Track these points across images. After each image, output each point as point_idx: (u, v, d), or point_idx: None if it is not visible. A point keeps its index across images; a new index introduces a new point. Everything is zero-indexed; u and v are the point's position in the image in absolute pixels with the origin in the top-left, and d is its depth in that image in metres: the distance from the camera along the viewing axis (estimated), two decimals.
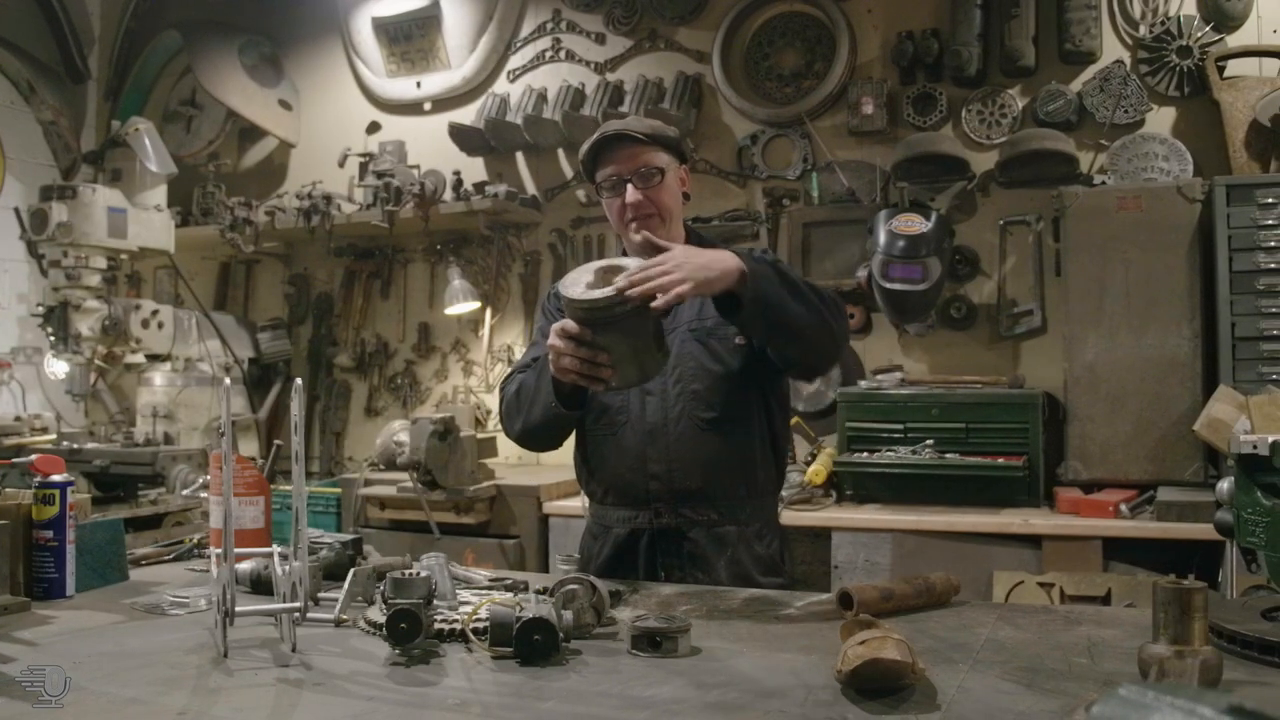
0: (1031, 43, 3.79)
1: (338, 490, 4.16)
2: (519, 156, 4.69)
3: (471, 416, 4.00)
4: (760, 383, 2.15)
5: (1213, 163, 3.58)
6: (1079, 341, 3.46)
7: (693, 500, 2.10)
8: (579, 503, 3.69)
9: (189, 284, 4.65)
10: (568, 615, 1.56)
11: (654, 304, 1.74)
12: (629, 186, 2.08)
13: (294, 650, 1.54)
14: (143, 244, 3.94)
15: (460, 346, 4.78)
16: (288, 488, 4.31)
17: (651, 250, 1.88)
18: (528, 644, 1.47)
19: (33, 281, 4.81)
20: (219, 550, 1.60)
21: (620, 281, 1.75)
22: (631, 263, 1.84)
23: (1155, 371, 3.36)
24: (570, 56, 4.60)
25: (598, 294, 1.76)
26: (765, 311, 1.86)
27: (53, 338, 3.78)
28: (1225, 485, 1.65)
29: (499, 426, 4.47)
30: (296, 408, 1.58)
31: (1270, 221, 3.24)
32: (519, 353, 4.63)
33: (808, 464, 3.63)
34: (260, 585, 1.92)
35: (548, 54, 4.65)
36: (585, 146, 2.14)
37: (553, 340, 1.83)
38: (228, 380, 1.68)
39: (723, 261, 1.83)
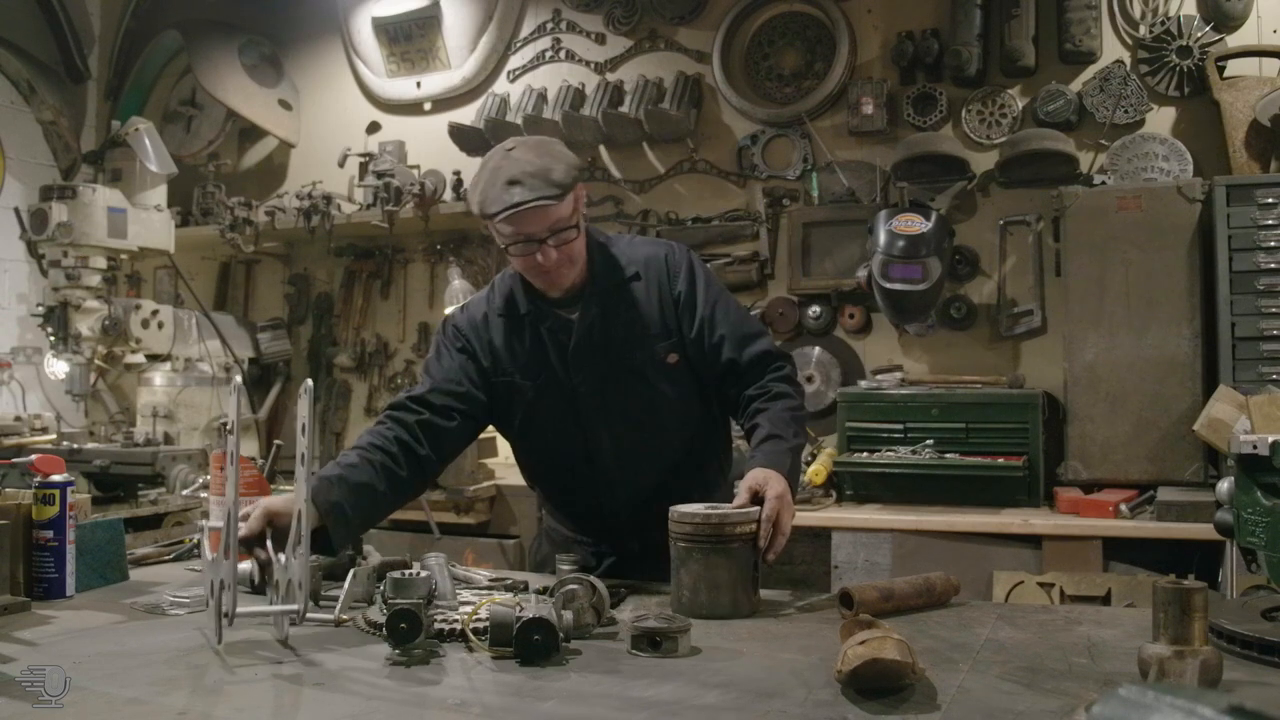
0: (1031, 43, 3.79)
1: None
2: None
3: None
4: (704, 394, 2.13)
5: (1213, 163, 3.58)
6: (1079, 341, 3.46)
7: (660, 526, 1.88)
8: None
9: (189, 284, 4.65)
10: (568, 615, 1.56)
11: (769, 558, 1.80)
12: (543, 247, 1.95)
13: (284, 643, 1.55)
14: (143, 244, 3.94)
15: None
16: (288, 487, 4.31)
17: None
18: (528, 644, 1.47)
19: (33, 281, 4.81)
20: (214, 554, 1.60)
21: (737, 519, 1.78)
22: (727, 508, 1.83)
23: (1155, 371, 3.36)
24: (570, 56, 4.60)
25: (725, 509, 1.80)
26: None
27: (53, 338, 3.78)
28: (1225, 485, 1.66)
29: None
30: (305, 408, 1.58)
31: (1270, 221, 3.23)
32: None
33: (808, 464, 3.63)
34: (260, 585, 1.92)
35: (548, 54, 4.65)
36: (494, 209, 1.93)
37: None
38: (238, 378, 1.68)
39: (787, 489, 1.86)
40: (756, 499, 1.82)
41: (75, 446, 3.21)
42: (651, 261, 2.11)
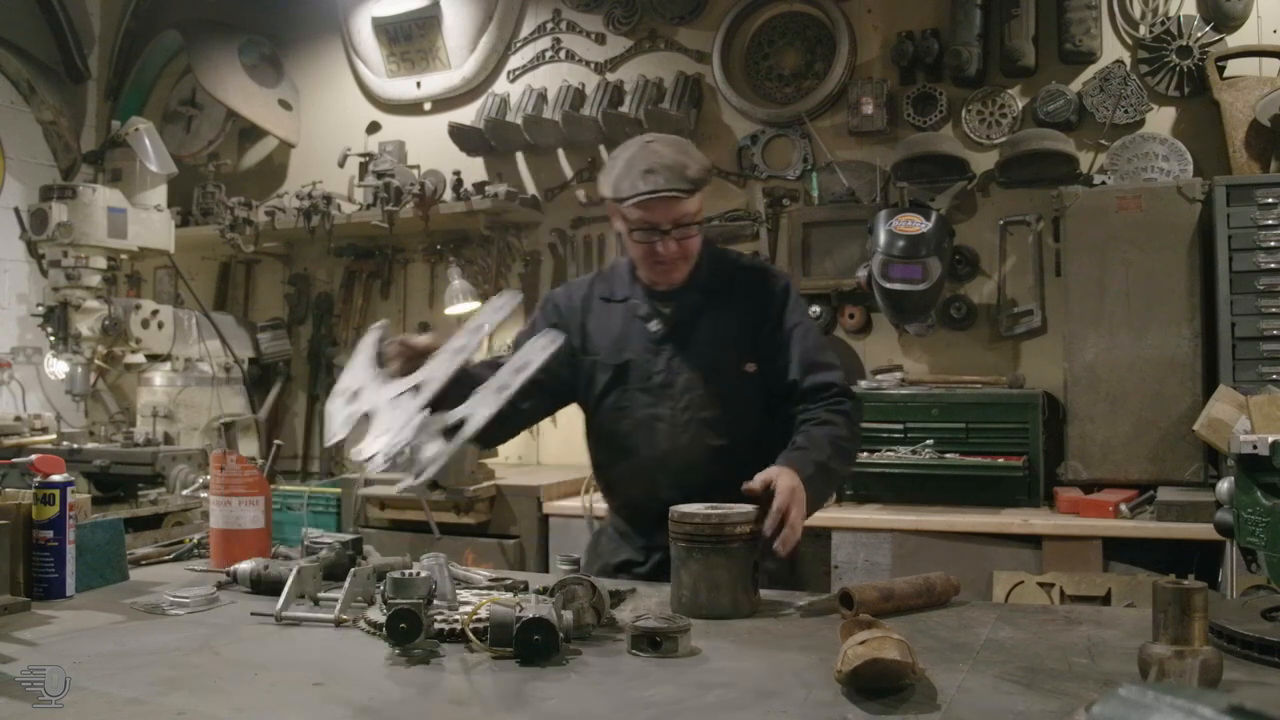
0: (1031, 43, 3.79)
1: (338, 490, 4.15)
2: (519, 156, 4.69)
3: None
4: (771, 408, 2.17)
5: (1213, 163, 3.58)
6: (1079, 341, 3.46)
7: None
8: (579, 502, 3.69)
9: (189, 284, 4.65)
10: (568, 615, 1.56)
11: (778, 550, 1.78)
12: (665, 238, 2.07)
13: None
14: (143, 244, 3.93)
15: None
16: (288, 488, 4.32)
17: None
18: (528, 644, 1.47)
19: (33, 281, 4.81)
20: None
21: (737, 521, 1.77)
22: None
23: (1155, 371, 3.36)
24: (570, 56, 4.60)
25: (722, 510, 1.79)
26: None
27: (53, 338, 3.77)
28: (1225, 485, 1.66)
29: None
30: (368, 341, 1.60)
31: (1270, 221, 3.23)
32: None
33: None
34: (260, 585, 1.92)
35: (548, 54, 4.65)
36: (628, 193, 2.04)
37: None
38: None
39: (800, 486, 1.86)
40: (767, 491, 1.83)
41: (75, 446, 3.21)
42: (752, 274, 2.23)
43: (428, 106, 4.85)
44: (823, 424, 2.07)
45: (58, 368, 3.90)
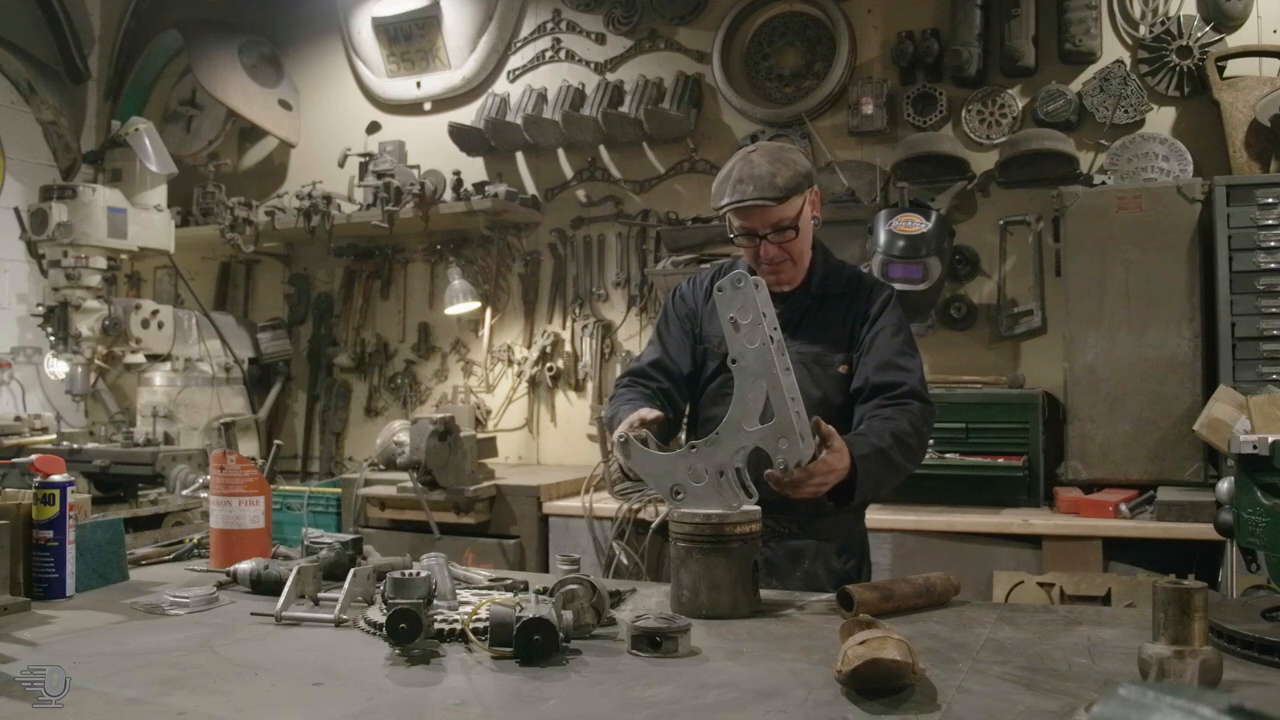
0: (1031, 43, 3.79)
1: (338, 490, 4.15)
2: (519, 156, 4.69)
3: (471, 416, 4.00)
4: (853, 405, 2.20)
5: (1213, 163, 3.58)
6: (1079, 341, 3.46)
7: (774, 511, 2.07)
8: (579, 502, 3.69)
9: (189, 284, 4.65)
10: (568, 615, 1.56)
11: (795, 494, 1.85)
12: (764, 242, 2.16)
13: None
14: (143, 244, 3.94)
15: (460, 346, 4.78)
16: (288, 488, 4.32)
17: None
18: (528, 644, 1.47)
19: (33, 281, 4.82)
20: None
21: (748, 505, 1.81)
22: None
23: (1155, 371, 3.36)
24: (570, 56, 4.60)
25: (714, 510, 1.80)
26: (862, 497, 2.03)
27: (53, 338, 3.78)
28: (1225, 485, 1.66)
29: (498, 426, 4.49)
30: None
31: (1270, 221, 3.23)
32: (519, 353, 4.63)
33: None
34: (260, 585, 1.92)
35: (548, 54, 4.65)
36: (721, 201, 2.17)
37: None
38: None
39: (844, 472, 1.92)
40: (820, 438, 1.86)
41: (75, 446, 3.21)
42: (859, 283, 2.31)
43: (428, 106, 4.85)
44: (886, 420, 2.09)
45: (58, 368, 3.91)
